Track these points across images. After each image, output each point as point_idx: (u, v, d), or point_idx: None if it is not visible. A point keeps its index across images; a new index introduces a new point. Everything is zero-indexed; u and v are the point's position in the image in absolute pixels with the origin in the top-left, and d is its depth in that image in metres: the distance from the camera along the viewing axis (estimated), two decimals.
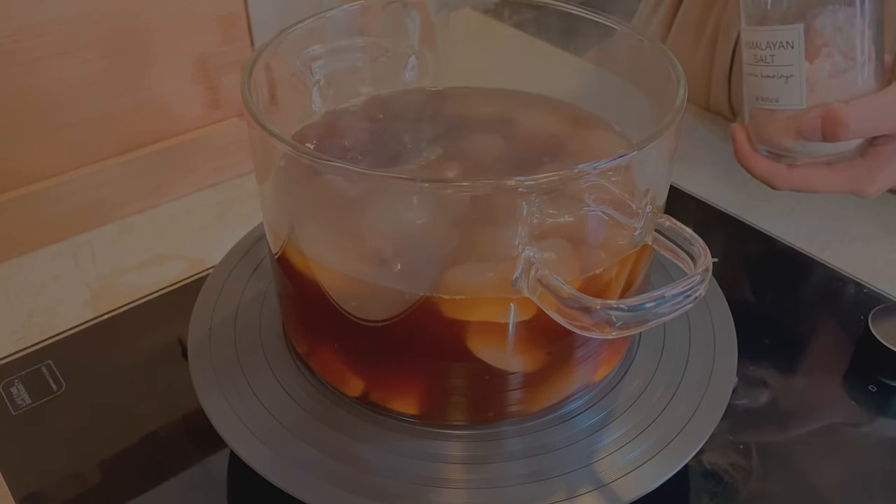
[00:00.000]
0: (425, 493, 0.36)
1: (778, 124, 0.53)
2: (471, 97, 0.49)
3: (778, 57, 0.52)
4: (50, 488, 0.41)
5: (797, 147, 0.53)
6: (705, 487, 0.41)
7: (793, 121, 0.52)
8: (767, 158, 0.55)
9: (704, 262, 0.31)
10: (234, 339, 0.43)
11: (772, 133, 0.54)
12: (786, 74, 0.52)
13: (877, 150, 0.52)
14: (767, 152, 0.55)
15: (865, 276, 0.55)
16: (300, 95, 0.44)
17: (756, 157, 0.55)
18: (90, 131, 0.60)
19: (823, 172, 0.53)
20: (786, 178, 0.53)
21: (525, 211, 0.31)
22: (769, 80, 0.53)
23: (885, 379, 0.47)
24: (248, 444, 0.37)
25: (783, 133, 0.53)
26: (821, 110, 0.50)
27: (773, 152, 0.55)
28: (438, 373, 0.37)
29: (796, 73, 0.51)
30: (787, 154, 0.54)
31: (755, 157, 0.55)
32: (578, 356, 0.38)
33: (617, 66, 0.44)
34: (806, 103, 0.51)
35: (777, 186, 0.54)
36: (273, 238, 0.39)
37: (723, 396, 0.40)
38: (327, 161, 0.32)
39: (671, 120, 0.34)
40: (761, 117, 0.55)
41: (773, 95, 0.53)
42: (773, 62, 0.52)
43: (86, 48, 0.57)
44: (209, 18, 0.62)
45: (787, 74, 0.52)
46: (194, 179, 0.66)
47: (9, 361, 0.48)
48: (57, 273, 0.58)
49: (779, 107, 0.53)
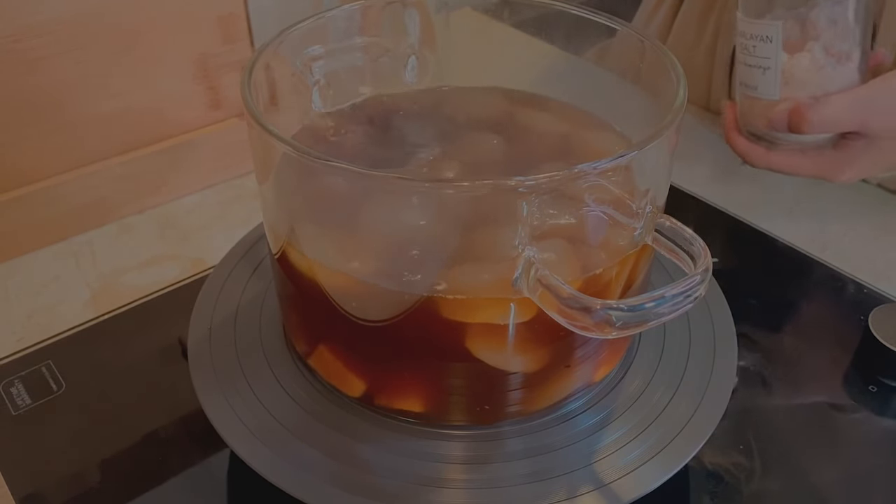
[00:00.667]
0: (425, 493, 0.36)
1: (755, 111, 0.57)
2: (471, 97, 0.49)
3: (759, 49, 0.54)
4: (50, 488, 0.41)
5: (773, 134, 0.56)
6: (705, 487, 0.41)
7: (767, 109, 0.55)
8: (748, 139, 0.58)
9: (704, 262, 0.31)
10: (234, 339, 0.43)
11: (750, 118, 0.57)
12: (763, 66, 0.54)
13: (847, 144, 0.55)
14: (749, 133, 0.58)
15: (865, 276, 0.55)
16: (300, 95, 0.44)
17: (738, 135, 0.59)
18: (90, 131, 0.60)
19: (797, 158, 0.56)
20: (762, 158, 0.57)
21: (525, 211, 0.31)
22: (750, 69, 0.56)
23: (885, 379, 0.47)
24: (248, 444, 0.37)
25: (759, 119, 0.56)
26: (790, 103, 0.53)
27: (754, 134, 0.58)
28: (439, 373, 0.37)
29: (773, 66, 0.54)
30: (767, 138, 0.57)
31: (737, 135, 0.59)
32: (578, 356, 0.38)
33: (617, 66, 0.44)
34: (780, 95, 0.54)
35: (754, 165, 0.58)
36: (273, 238, 0.39)
37: (723, 396, 0.40)
38: (327, 161, 0.32)
39: (671, 120, 0.34)
40: (744, 102, 0.58)
41: (752, 83, 0.56)
42: (755, 53, 0.55)
43: (86, 48, 0.57)
44: (209, 18, 0.62)
45: (764, 66, 0.54)
46: (194, 179, 0.66)
47: (9, 361, 0.48)
48: (57, 273, 0.58)
49: (757, 95, 0.56)
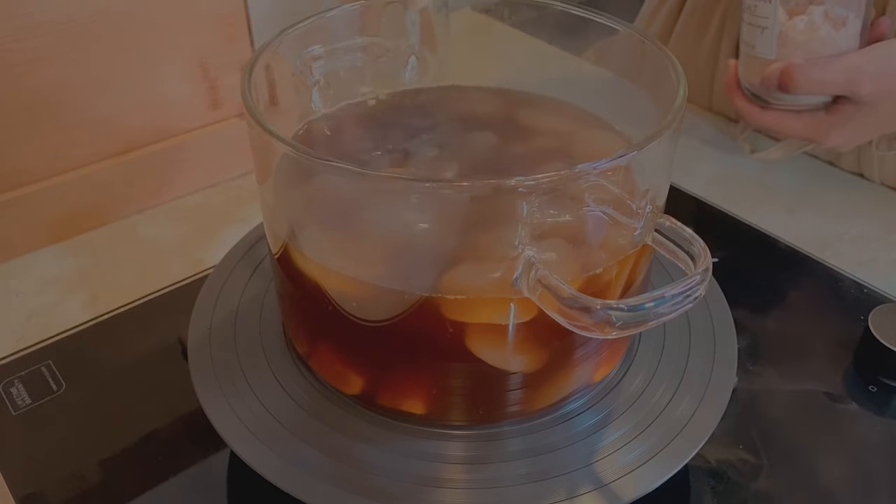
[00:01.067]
0: (425, 493, 0.36)
1: (752, 69, 0.59)
2: (471, 97, 0.49)
3: (759, 8, 0.57)
4: (50, 488, 0.41)
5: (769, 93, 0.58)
6: (705, 487, 0.41)
7: (762, 68, 0.57)
8: (746, 96, 0.60)
9: (704, 262, 0.31)
10: (234, 339, 0.43)
11: (748, 76, 0.59)
12: (762, 26, 0.57)
13: (838, 109, 0.57)
14: (747, 92, 0.60)
15: (865, 276, 0.55)
16: (300, 95, 0.44)
17: (738, 91, 0.61)
18: (90, 131, 0.60)
19: (789, 119, 0.58)
20: (757, 117, 0.59)
21: (525, 211, 0.31)
22: (751, 27, 0.58)
23: (885, 379, 0.47)
24: (248, 444, 0.37)
25: (755, 77, 0.58)
26: (782, 64, 0.55)
27: (752, 93, 0.60)
28: (438, 373, 0.37)
29: (770, 27, 0.56)
30: (763, 97, 0.59)
31: (737, 91, 0.61)
32: (578, 356, 0.38)
33: (617, 66, 0.44)
34: (775, 55, 0.57)
35: (749, 122, 0.60)
36: (273, 238, 0.39)
37: (723, 396, 0.40)
38: (327, 161, 0.32)
39: (671, 120, 0.34)
40: (743, 59, 0.60)
41: (752, 42, 0.58)
42: (756, 12, 0.57)
43: (86, 48, 0.57)
44: (209, 18, 0.62)
45: (763, 26, 0.57)
46: (194, 179, 0.66)
47: (9, 361, 0.48)
48: (57, 273, 0.58)
49: (755, 53, 0.58)
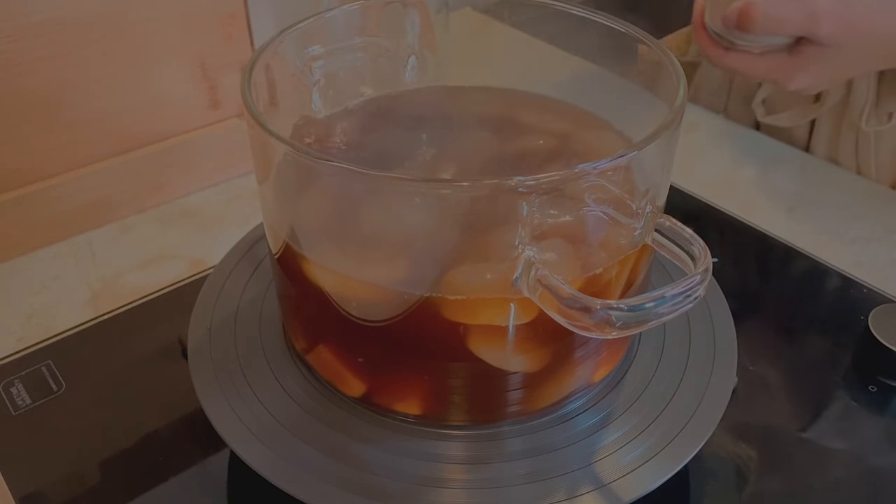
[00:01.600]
0: (425, 493, 0.36)
1: (716, 8, 0.58)
2: (471, 97, 0.49)
3: None
4: (50, 488, 0.41)
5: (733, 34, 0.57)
6: (705, 487, 0.41)
7: (724, 7, 0.57)
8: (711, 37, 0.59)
9: (704, 262, 0.31)
10: (234, 339, 0.43)
11: (711, 15, 0.59)
12: None
13: (800, 51, 0.56)
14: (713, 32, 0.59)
15: (865, 276, 0.55)
16: (300, 95, 0.44)
17: (703, 31, 0.60)
18: (90, 131, 0.60)
19: (752, 60, 0.58)
20: (721, 57, 0.58)
21: (525, 211, 0.31)
22: None
23: (885, 379, 0.47)
24: (248, 444, 0.37)
25: (717, 18, 0.58)
26: (742, 3, 0.55)
27: (717, 33, 0.59)
28: (439, 373, 0.37)
29: None
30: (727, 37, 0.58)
31: (703, 32, 0.60)
32: (578, 356, 0.38)
33: (617, 66, 0.44)
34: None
35: (713, 63, 0.59)
36: (273, 238, 0.39)
37: (723, 396, 0.40)
38: (327, 161, 0.32)
39: (671, 120, 0.34)
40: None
41: None
42: None
43: (85, 48, 0.57)
44: (209, 18, 0.62)
45: None
46: (194, 179, 0.66)
47: (9, 361, 0.48)
48: (57, 273, 0.58)
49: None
